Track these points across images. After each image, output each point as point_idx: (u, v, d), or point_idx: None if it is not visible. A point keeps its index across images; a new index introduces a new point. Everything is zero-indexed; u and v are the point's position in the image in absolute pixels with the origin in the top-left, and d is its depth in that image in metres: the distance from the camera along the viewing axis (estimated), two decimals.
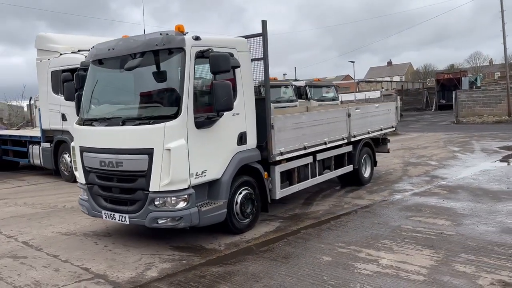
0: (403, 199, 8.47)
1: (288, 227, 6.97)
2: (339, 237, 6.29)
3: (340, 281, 4.75)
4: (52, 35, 12.51)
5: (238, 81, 6.54)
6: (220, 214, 6.14)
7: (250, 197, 6.72)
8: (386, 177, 10.93)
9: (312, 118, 8.04)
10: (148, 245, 6.28)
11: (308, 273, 5.02)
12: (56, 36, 12.48)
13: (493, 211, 7.30)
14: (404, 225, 6.73)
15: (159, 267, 5.45)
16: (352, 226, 6.81)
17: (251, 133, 6.78)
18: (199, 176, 5.88)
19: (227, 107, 5.80)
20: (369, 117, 9.99)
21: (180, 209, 5.69)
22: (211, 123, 6.02)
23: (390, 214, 7.44)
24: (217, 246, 6.17)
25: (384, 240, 6.04)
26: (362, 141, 9.75)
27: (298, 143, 7.59)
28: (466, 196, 8.48)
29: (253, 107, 6.83)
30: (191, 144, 5.74)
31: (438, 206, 7.76)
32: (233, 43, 6.58)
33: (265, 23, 6.87)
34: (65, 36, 12.54)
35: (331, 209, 7.96)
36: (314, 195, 9.18)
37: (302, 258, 5.53)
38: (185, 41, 5.78)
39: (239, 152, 6.53)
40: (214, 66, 5.64)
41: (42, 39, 12.51)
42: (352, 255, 5.54)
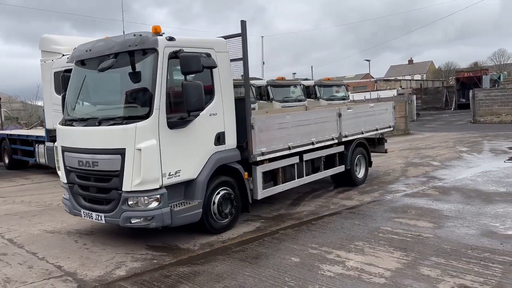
0: (392, 200, 8.34)
1: (268, 227, 6.95)
2: (315, 238, 6.24)
3: (300, 282, 4.72)
4: (55, 36, 12.78)
5: (216, 82, 6.56)
6: (195, 214, 6.17)
7: (228, 197, 6.73)
8: (383, 178, 10.77)
9: (297, 118, 7.98)
10: (125, 244, 6.37)
11: (272, 274, 5.00)
12: (59, 37, 12.74)
13: (480, 213, 7.12)
14: (384, 226, 6.63)
15: (129, 266, 5.52)
16: (332, 227, 6.75)
17: (230, 133, 6.78)
18: (173, 176, 5.92)
19: (198, 108, 5.83)
20: (362, 117, 9.86)
21: (152, 209, 5.75)
22: (185, 124, 6.05)
23: (374, 215, 7.33)
24: (192, 246, 6.20)
25: (358, 242, 5.97)
26: (355, 141, 9.64)
27: (282, 143, 7.55)
28: (457, 197, 8.30)
29: (232, 107, 6.83)
30: (164, 144, 5.78)
31: (425, 208, 7.61)
32: (211, 44, 6.60)
33: (244, 24, 6.86)
34: (67, 38, 12.77)
35: (317, 210, 7.90)
36: (304, 195, 9.12)
37: (271, 259, 5.51)
38: (158, 41, 5.82)
39: (217, 152, 6.54)
40: (184, 67, 5.68)
41: (45, 41, 12.78)
42: (321, 256, 5.49)
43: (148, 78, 5.82)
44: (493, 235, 5.98)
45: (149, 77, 5.80)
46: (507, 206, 7.45)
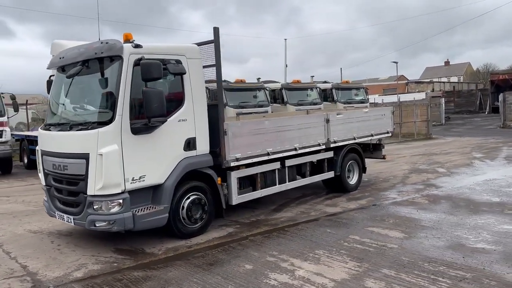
0: (376, 208, 8.17)
1: (240, 233, 6.96)
2: (279, 246, 6.20)
3: None
4: (64, 42, 13.16)
5: (187, 88, 6.64)
6: (161, 218, 6.27)
7: (199, 202, 6.79)
8: (379, 184, 10.56)
9: (278, 124, 7.95)
10: (95, 247, 6.54)
11: (217, 281, 5.03)
12: (68, 42, 13.13)
13: (459, 224, 6.87)
14: (354, 235, 6.52)
15: (88, 268, 5.67)
16: (302, 235, 6.69)
17: (202, 139, 6.84)
18: (136, 181, 6.04)
19: (159, 114, 5.92)
20: (354, 123, 9.71)
21: (113, 213, 5.88)
22: (150, 130, 6.16)
23: (350, 223, 7.21)
24: (157, 250, 6.30)
25: (319, 250, 5.90)
26: (346, 147, 9.50)
27: (259, 149, 7.55)
28: (444, 207, 8.04)
29: (204, 113, 6.89)
30: (126, 149, 5.90)
31: (406, 217, 7.42)
32: (181, 50, 6.68)
33: (217, 30, 6.92)
34: (76, 43, 13.19)
35: (296, 216, 7.84)
36: (291, 201, 9.08)
37: (226, 265, 5.53)
38: (123, 49, 5.96)
39: (187, 158, 6.62)
40: (145, 74, 5.78)
41: (55, 46, 13.18)
42: (275, 264, 5.46)
43: (112, 85, 5.97)
44: (460, 248, 5.77)
45: (114, 84, 5.95)
46: (490, 217, 7.15)
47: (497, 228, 6.57)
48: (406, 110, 25.80)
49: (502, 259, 5.29)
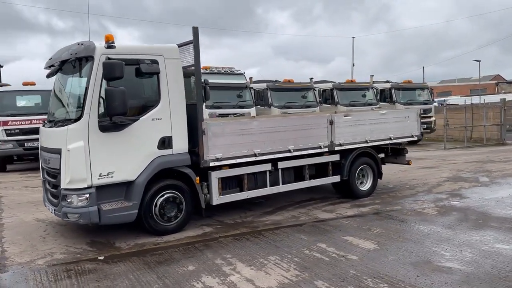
0: (373, 217, 7.65)
1: (215, 233, 6.92)
2: (240, 249, 6.08)
3: None
4: None
5: (163, 87, 6.75)
6: (129, 214, 6.43)
7: (173, 200, 6.86)
8: (400, 191, 9.86)
9: (268, 124, 7.76)
10: (76, 238, 6.90)
11: (149, 280, 5.07)
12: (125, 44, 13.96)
13: (447, 239, 6.20)
14: (322, 243, 6.17)
15: (53, 257, 6.00)
16: (272, 239, 6.48)
17: (180, 138, 6.90)
18: (104, 177, 6.27)
19: (120, 112, 6.07)
20: (367, 125, 9.15)
21: (79, 207, 6.17)
22: (120, 128, 6.36)
23: (331, 230, 6.83)
24: (126, 245, 6.48)
25: (273, 256, 5.68)
26: (356, 151, 9.00)
27: (245, 149, 7.44)
28: (449, 219, 7.29)
29: (182, 113, 6.95)
30: (94, 146, 6.16)
31: (395, 228, 6.86)
32: (159, 51, 6.80)
33: (196, 30, 6.93)
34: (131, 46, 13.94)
35: (283, 220, 7.61)
36: (291, 204, 8.82)
37: (172, 265, 5.54)
38: (95, 50, 6.23)
39: (161, 156, 6.72)
40: (107, 73, 5.98)
41: None
42: (218, 267, 5.36)
43: (84, 84, 6.26)
44: (424, 265, 5.20)
45: (85, 83, 6.24)
46: (489, 234, 6.36)
47: (487, 246, 5.82)
48: (478, 112, 23.72)
49: (459, 281, 4.69)
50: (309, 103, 18.94)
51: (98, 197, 6.29)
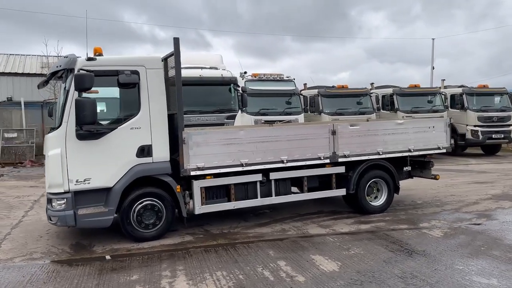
0: (366, 235, 7.07)
1: (190, 243, 6.91)
2: (199, 261, 6.00)
3: None
4: None
5: (143, 97, 6.91)
6: (105, 220, 6.68)
7: (151, 208, 6.97)
8: (423, 208, 9.02)
9: (256, 134, 7.55)
10: (67, 238, 7.32)
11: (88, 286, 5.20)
12: None
13: (424, 268, 5.52)
14: (282, 261, 5.86)
15: (32, 256, 6.42)
16: (239, 253, 6.30)
17: (160, 147, 7.00)
18: (81, 183, 6.58)
19: (88, 122, 6.32)
20: (380, 135, 8.49)
21: (57, 210, 6.54)
22: (98, 136, 6.64)
23: (306, 247, 6.46)
24: (102, 249, 6.73)
25: (219, 272, 5.53)
26: (365, 163, 8.40)
27: (230, 159, 7.33)
28: (448, 245, 6.52)
29: (163, 121, 7.04)
30: (71, 153, 6.50)
31: (378, 250, 6.29)
32: (140, 61, 6.98)
33: (177, 41, 7.00)
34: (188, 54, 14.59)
35: (269, 233, 7.35)
36: (292, 217, 8.49)
37: (121, 273, 5.64)
38: (76, 62, 6.59)
39: (139, 164, 6.88)
40: (77, 84, 6.27)
41: None
42: (157, 279, 5.35)
43: (65, 94, 6.65)
44: None
45: (66, 93, 6.62)
46: (478, 264, 5.56)
47: (461, 278, 5.08)
48: None
49: None
50: (363, 109, 18.09)
51: (77, 202, 6.61)
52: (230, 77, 12.82)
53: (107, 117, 7.40)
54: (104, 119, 7.13)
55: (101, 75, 6.69)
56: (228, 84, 12.76)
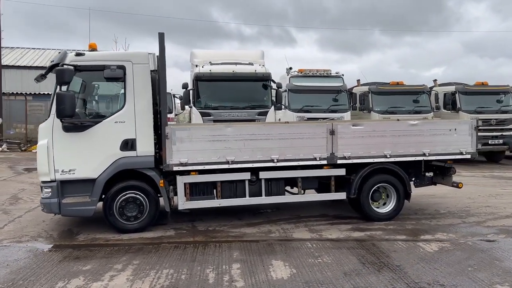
0: (350, 244, 6.56)
1: (168, 238, 6.92)
2: (158, 257, 5.98)
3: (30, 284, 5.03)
4: (196, 51, 15.06)
5: (128, 91, 7.04)
6: (87, 209, 6.93)
7: (133, 201, 7.09)
8: (441, 219, 8.14)
9: (245, 131, 7.31)
10: (62, 224, 7.72)
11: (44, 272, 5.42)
12: (198, 51, 14.96)
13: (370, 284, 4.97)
14: (238, 264, 5.65)
15: (19, 240, 6.87)
16: (204, 252, 6.19)
17: (144, 141, 7.09)
18: (66, 173, 6.88)
19: (66, 115, 6.56)
20: (388, 137, 7.81)
21: (45, 198, 6.92)
22: (81, 129, 6.90)
23: (277, 251, 6.15)
24: (84, 237, 7.00)
25: (166, 270, 5.47)
26: (370, 166, 7.78)
27: (216, 156, 7.21)
28: (432, 261, 5.82)
29: (148, 116, 7.11)
30: (57, 144, 6.82)
31: (348, 261, 5.80)
32: (127, 57, 7.12)
33: (162, 36, 7.01)
34: (203, 51, 14.87)
35: (251, 234, 7.14)
36: (291, 218, 8.14)
37: (80, 262, 5.81)
38: (65, 57, 6.90)
39: (123, 158, 7.03)
40: (57, 78, 6.55)
41: (191, 55, 15.26)
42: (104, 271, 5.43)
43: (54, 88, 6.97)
44: None
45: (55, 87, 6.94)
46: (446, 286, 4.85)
47: None
48: None
49: None
50: (420, 108, 16.82)
51: (65, 191, 6.94)
52: (264, 73, 12.63)
53: (95, 110, 7.62)
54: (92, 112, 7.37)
55: (88, 70, 6.96)
56: (262, 80, 12.60)
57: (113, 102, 7.33)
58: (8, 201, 9.75)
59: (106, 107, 7.58)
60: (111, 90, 7.50)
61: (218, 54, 14.50)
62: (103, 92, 7.80)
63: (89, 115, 7.34)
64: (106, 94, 7.73)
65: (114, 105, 7.26)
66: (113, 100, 7.33)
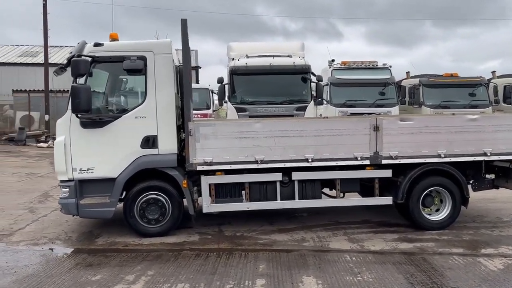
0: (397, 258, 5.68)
1: (192, 244, 6.33)
2: (175, 267, 5.39)
3: None
4: (232, 44, 14.40)
5: (150, 84, 6.48)
6: (106, 211, 6.43)
7: (154, 202, 6.53)
8: (506, 228, 7.05)
9: (276, 127, 6.55)
10: (84, 225, 7.29)
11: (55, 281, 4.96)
12: (234, 44, 14.29)
13: None
14: (261, 279, 4.90)
15: (38, 241, 6.50)
16: (226, 263, 5.51)
17: (166, 138, 6.51)
18: (84, 172, 6.42)
19: (82, 110, 6.07)
20: (442, 133, 6.80)
21: (62, 198, 6.49)
22: (101, 124, 6.41)
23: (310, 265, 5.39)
24: (103, 240, 6.54)
25: (182, 284, 4.81)
26: (421, 167, 6.81)
27: (244, 155, 6.51)
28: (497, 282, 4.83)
29: (171, 111, 6.53)
30: (75, 141, 6.37)
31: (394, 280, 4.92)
32: (148, 46, 6.54)
33: (184, 23, 6.38)
34: (240, 44, 14.19)
35: (282, 242, 6.39)
36: (329, 224, 7.33)
37: (89, 270, 5.31)
38: (83, 48, 6.43)
39: (144, 156, 6.49)
40: (72, 70, 6.05)
41: (227, 48, 14.64)
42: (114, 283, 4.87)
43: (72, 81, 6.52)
44: None
45: None
46: None
47: None
48: None
49: None
50: (476, 102, 15.33)
51: (84, 191, 6.50)
52: (303, 65, 11.80)
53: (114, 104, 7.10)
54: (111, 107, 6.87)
55: (107, 61, 6.47)
56: (301, 72, 11.77)
57: (134, 96, 6.79)
58: (38, 198, 9.53)
59: (126, 101, 7.06)
60: (133, 83, 6.96)
61: (255, 46, 13.80)
62: (124, 85, 7.27)
63: (108, 110, 6.84)
64: (127, 87, 7.19)
65: (135, 99, 6.72)
66: (134, 93, 6.80)
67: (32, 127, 24.18)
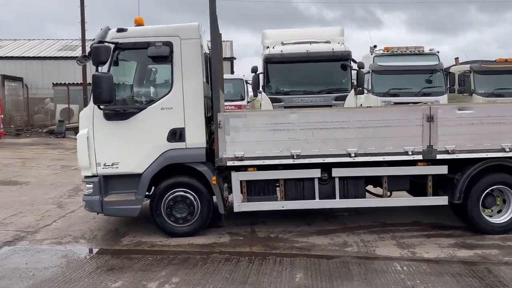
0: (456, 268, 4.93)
1: (222, 246, 5.80)
2: (204, 274, 4.88)
3: None
4: (267, 31, 13.71)
5: (176, 73, 5.96)
6: (131, 209, 6.00)
7: (182, 200, 6.05)
8: None
9: (313, 118, 5.88)
10: (112, 223, 6.90)
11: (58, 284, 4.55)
12: (269, 31, 13.60)
13: None
14: None
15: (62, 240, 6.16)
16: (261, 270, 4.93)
17: (195, 130, 5.99)
18: (109, 167, 6.00)
19: (103, 100, 5.61)
20: (507, 124, 5.94)
21: (86, 195, 6.11)
22: (125, 116, 5.97)
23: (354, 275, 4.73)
24: (129, 240, 6.11)
25: None
26: (481, 163, 5.98)
27: (278, 149, 5.91)
28: None
29: (199, 102, 6.00)
30: (98, 134, 5.96)
31: None
32: (174, 31, 6.00)
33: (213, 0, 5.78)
34: (275, 31, 13.48)
35: (321, 246, 5.74)
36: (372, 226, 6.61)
37: (111, 275, 4.87)
38: (107, 34, 5.98)
39: (171, 150, 6.01)
40: (93, 58, 5.59)
41: (262, 36, 13.97)
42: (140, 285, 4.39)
43: None
44: None
45: None
46: None
47: None
48: None
49: None
50: None
51: (108, 187, 6.11)
52: (342, 51, 10.95)
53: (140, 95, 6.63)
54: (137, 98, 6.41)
55: (131, 48, 6.01)
56: (340, 59, 10.93)
57: (161, 86, 6.31)
58: (68, 193, 9.29)
59: (152, 91, 6.60)
60: (160, 71, 6.48)
61: (291, 33, 13.04)
62: (153, 75, 6.81)
63: (134, 101, 6.39)
64: (154, 76, 6.72)
65: (162, 89, 6.24)
66: (161, 83, 6.32)
67: (71, 120, 24.48)
